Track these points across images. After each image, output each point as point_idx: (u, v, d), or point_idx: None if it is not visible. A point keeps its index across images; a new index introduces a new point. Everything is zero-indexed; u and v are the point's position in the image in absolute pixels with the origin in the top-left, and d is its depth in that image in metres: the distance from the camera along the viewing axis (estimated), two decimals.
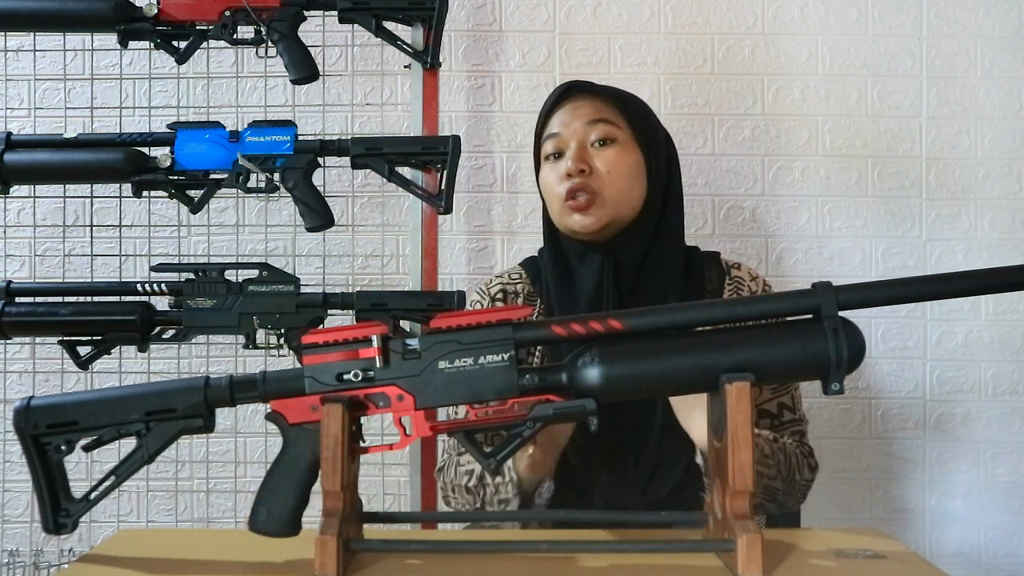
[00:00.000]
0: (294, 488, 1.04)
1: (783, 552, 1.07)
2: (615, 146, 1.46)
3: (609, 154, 1.45)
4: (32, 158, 1.77)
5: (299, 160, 1.76)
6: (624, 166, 1.45)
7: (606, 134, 1.46)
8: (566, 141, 1.47)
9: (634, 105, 1.52)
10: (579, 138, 1.46)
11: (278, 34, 1.80)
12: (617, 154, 1.46)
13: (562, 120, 1.49)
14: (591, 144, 1.46)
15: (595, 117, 1.47)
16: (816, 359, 1.01)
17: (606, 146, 1.46)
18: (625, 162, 1.46)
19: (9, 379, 2.17)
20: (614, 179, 1.44)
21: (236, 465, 2.20)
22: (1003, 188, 2.28)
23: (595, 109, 1.48)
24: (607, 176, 1.44)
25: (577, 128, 1.47)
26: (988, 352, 2.27)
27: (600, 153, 1.46)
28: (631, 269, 1.46)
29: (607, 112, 1.48)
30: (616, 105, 1.49)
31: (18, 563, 2.13)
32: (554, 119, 1.50)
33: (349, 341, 1.04)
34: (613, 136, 1.46)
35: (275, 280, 1.73)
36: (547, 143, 1.50)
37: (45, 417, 1.06)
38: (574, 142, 1.46)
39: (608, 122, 1.47)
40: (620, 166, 1.45)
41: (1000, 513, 2.27)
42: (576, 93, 1.51)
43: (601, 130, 1.46)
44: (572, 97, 1.51)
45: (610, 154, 1.45)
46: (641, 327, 1.04)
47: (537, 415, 1.02)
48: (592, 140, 1.46)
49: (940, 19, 2.28)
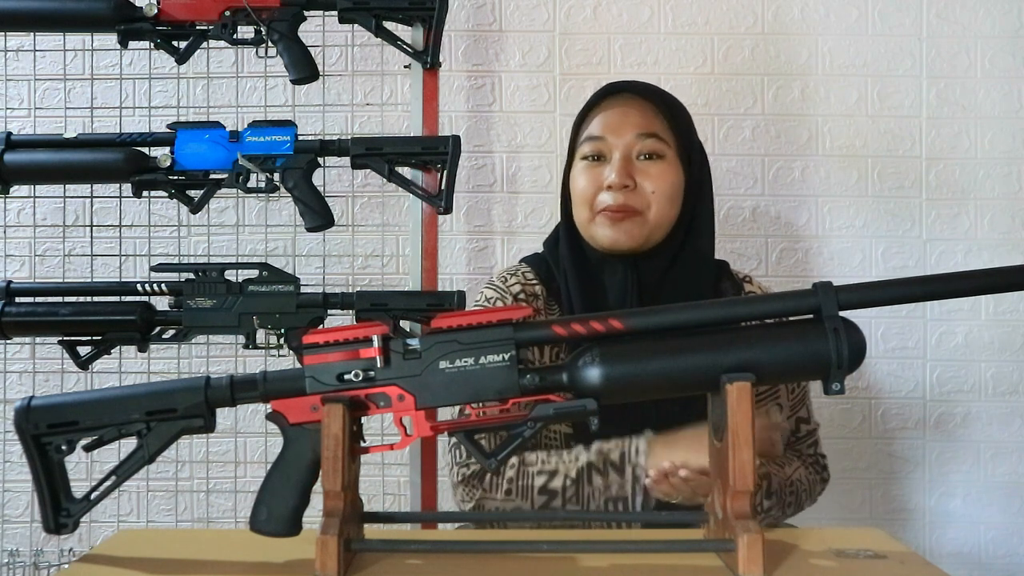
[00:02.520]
0: (295, 488, 1.04)
1: (783, 552, 1.07)
2: (661, 163, 1.40)
3: (656, 171, 1.39)
4: (32, 158, 1.77)
5: (299, 160, 1.76)
6: (668, 186, 1.39)
7: (653, 150, 1.40)
8: (610, 148, 1.41)
9: (682, 117, 1.45)
10: (625, 149, 1.40)
11: (278, 34, 1.80)
12: (664, 172, 1.39)
13: (608, 124, 1.42)
14: (636, 156, 1.40)
15: (645, 130, 1.40)
16: (817, 359, 1.01)
17: (652, 161, 1.40)
18: (669, 181, 1.40)
19: (9, 379, 2.17)
20: (658, 199, 1.38)
21: (236, 465, 2.20)
22: (1003, 188, 2.28)
23: (645, 119, 1.41)
24: (651, 195, 1.38)
25: (626, 139, 1.40)
26: (988, 352, 2.27)
27: (645, 168, 1.39)
28: (652, 282, 1.41)
29: (657, 124, 1.41)
30: (666, 116, 1.42)
31: (18, 563, 2.13)
32: (598, 119, 1.43)
33: (349, 341, 1.04)
34: (661, 152, 1.40)
35: (275, 280, 1.73)
36: (586, 144, 1.43)
37: (45, 417, 1.06)
38: (619, 152, 1.40)
39: (658, 137, 1.40)
40: (664, 186, 1.39)
41: (1000, 513, 2.27)
42: (623, 94, 1.44)
43: (649, 145, 1.40)
44: (618, 97, 1.44)
45: (657, 171, 1.39)
46: (642, 327, 1.04)
47: (537, 415, 1.02)
48: (638, 153, 1.40)
49: (940, 19, 2.28)
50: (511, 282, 1.53)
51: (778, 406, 1.43)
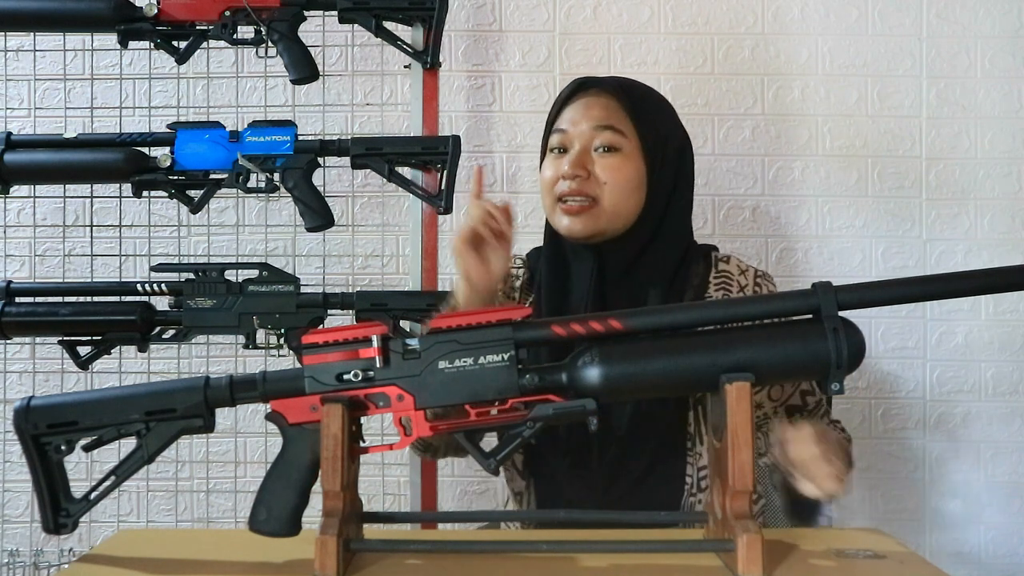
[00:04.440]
0: (294, 488, 1.04)
1: (783, 552, 1.07)
2: (617, 155, 1.42)
3: (610, 163, 1.42)
4: (32, 158, 1.78)
5: (299, 160, 1.76)
6: (623, 177, 1.42)
7: (610, 142, 1.42)
8: (571, 140, 1.44)
9: (647, 111, 1.47)
10: (583, 141, 1.43)
11: (278, 34, 1.80)
12: (618, 164, 1.42)
13: (571, 117, 1.45)
14: (594, 149, 1.43)
15: (603, 122, 1.43)
16: (816, 359, 1.01)
17: (609, 153, 1.42)
18: (624, 173, 1.42)
19: (9, 379, 2.17)
20: (611, 189, 1.41)
21: (236, 465, 2.20)
22: (1003, 188, 2.28)
23: (605, 112, 1.44)
24: (604, 186, 1.41)
25: (584, 130, 1.43)
26: (988, 352, 2.27)
27: (602, 160, 1.42)
28: (618, 273, 1.43)
29: (617, 117, 1.44)
30: (628, 110, 1.44)
31: (18, 563, 2.13)
32: (565, 113, 1.46)
33: (349, 341, 1.04)
34: (617, 145, 1.42)
35: (275, 280, 1.74)
36: (553, 136, 1.47)
37: (45, 417, 1.07)
38: (578, 143, 1.43)
39: (615, 130, 1.43)
40: (619, 177, 1.42)
41: (1000, 513, 2.27)
42: (591, 89, 1.46)
43: (606, 138, 1.42)
44: (587, 92, 1.46)
45: (611, 163, 1.42)
46: (641, 327, 1.04)
47: (537, 415, 1.02)
48: (596, 145, 1.43)
49: (940, 19, 2.28)
50: None
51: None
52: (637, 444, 1.38)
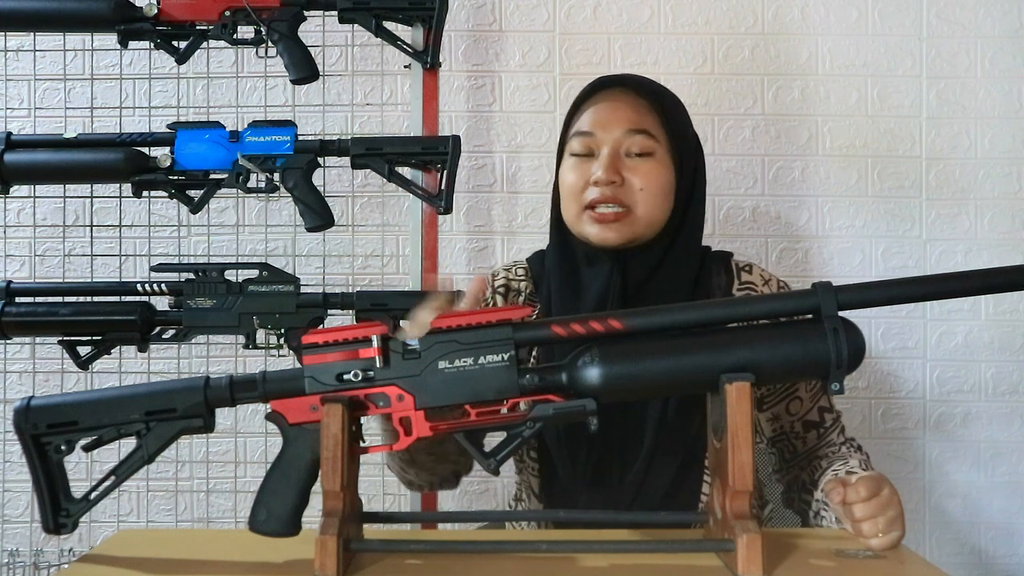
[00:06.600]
0: (294, 488, 1.04)
1: (783, 552, 1.07)
2: (651, 160, 1.36)
3: (645, 168, 1.35)
4: (32, 158, 1.78)
5: (299, 160, 1.76)
6: (657, 184, 1.36)
7: (644, 147, 1.36)
8: (598, 144, 1.37)
9: (675, 112, 1.42)
10: (614, 145, 1.36)
11: (278, 34, 1.81)
12: (653, 170, 1.36)
13: (597, 119, 1.38)
14: (625, 154, 1.36)
15: (635, 126, 1.36)
16: (816, 359, 1.01)
17: (642, 158, 1.36)
18: (659, 180, 1.36)
19: (9, 379, 2.17)
20: (646, 196, 1.35)
21: (236, 465, 2.20)
22: (1003, 188, 2.28)
23: (636, 115, 1.37)
24: (639, 192, 1.35)
25: (616, 135, 1.36)
26: (988, 352, 2.27)
27: (635, 165, 1.36)
28: (639, 279, 1.38)
29: (648, 120, 1.37)
30: (658, 112, 1.38)
31: (18, 563, 2.13)
32: (587, 114, 1.39)
33: (349, 341, 1.04)
34: (651, 150, 1.36)
35: (275, 280, 1.74)
36: (575, 140, 1.39)
37: (45, 417, 1.06)
38: (607, 148, 1.36)
39: (648, 134, 1.36)
40: (654, 184, 1.35)
41: (1000, 513, 2.27)
42: (614, 88, 1.40)
43: (640, 143, 1.36)
44: (609, 92, 1.40)
45: (646, 168, 1.36)
46: (641, 327, 1.04)
47: (537, 415, 1.02)
48: (628, 150, 1.36)
49: (940, 19, 2.28)
50: (499, 276, 1.50)
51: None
52: (657, 468, 1.35)
